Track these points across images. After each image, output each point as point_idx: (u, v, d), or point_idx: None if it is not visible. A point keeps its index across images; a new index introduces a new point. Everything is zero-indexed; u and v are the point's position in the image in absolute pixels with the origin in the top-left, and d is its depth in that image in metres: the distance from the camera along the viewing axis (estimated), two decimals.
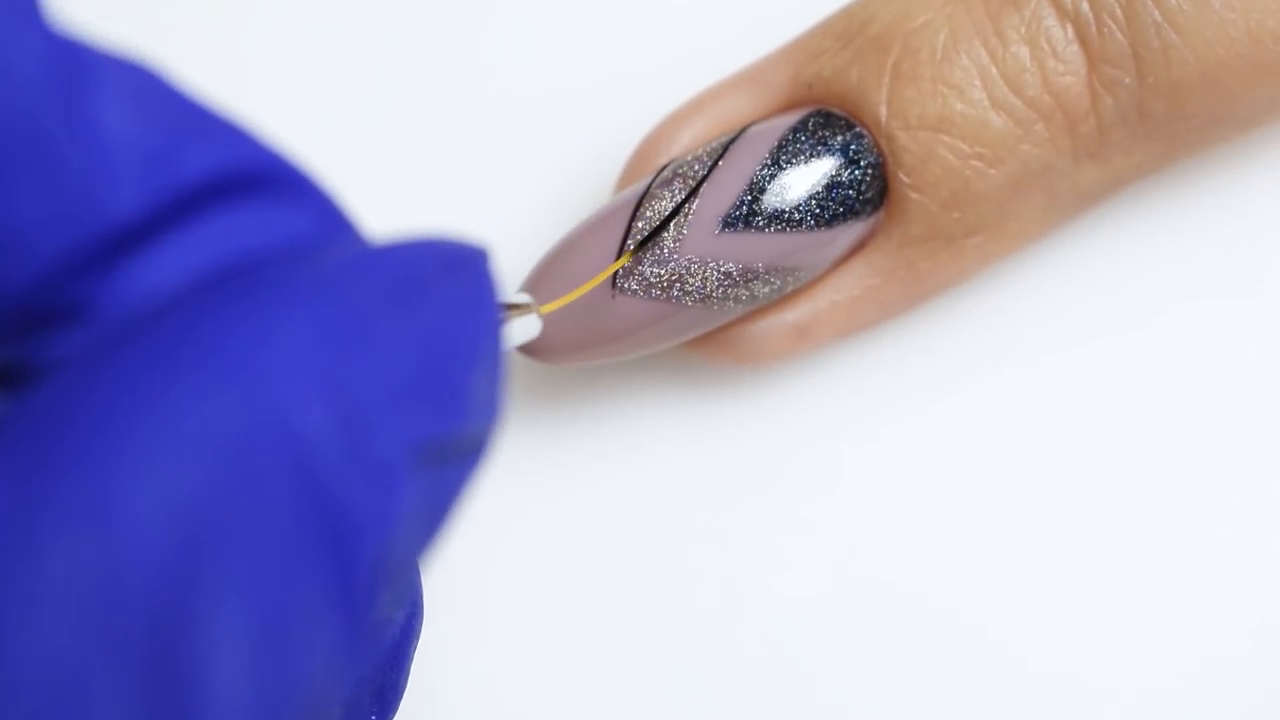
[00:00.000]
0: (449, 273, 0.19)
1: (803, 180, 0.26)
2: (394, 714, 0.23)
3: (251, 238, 0.19)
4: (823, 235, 0.26)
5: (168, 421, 0.16)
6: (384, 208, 0.30)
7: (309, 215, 0.19)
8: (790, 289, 0.26)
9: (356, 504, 0.17)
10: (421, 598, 0.23)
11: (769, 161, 0.26)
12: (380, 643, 0.21)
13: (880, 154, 0.26)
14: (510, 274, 0.29)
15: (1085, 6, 0.26)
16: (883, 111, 0.26)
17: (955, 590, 0.28)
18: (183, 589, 0.16)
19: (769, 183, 0.26)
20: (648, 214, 0.26)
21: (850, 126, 0.26)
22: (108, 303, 0.18)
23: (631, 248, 0.25)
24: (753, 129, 0.26)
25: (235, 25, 0.30)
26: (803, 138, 0.26)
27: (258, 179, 0.19)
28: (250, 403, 0.16)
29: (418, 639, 0.23)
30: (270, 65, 0.30)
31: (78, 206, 0.18)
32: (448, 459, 0.18)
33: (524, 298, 0.25)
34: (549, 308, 0.25)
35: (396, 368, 0.18)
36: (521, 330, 0.25)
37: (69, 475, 0.16)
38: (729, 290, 0.26)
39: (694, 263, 0.26)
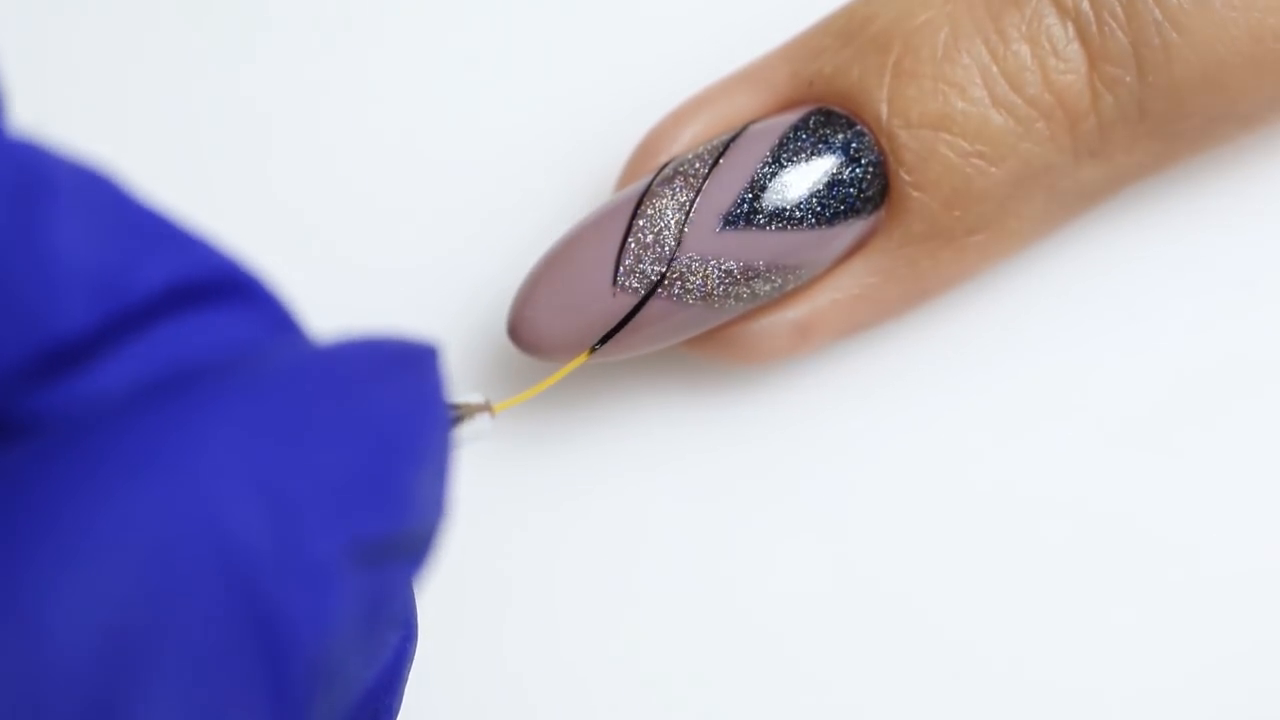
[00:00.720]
0: (394, 371, 0.19)
1: (804, 178, 0.26)
2: None
3: (198, 345, 0.19)
4: (823, 233, 0.26)
5: (92, 526, 0.16)
6: (384, 207, 0.30)
7: (258, 320, 0.19)
8: (791, 287, 0.26)
9: (290, 606, 0.17)
10: (416, 620, 0.23)
11: (770, 160, 0.26)
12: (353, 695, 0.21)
13: (881, 152, 0.26)
14: (510, 272, 0.29)
15: (1086, 5, 0.26)
16: (884, 110, 0.26)
17: (958, 590, 0.28)
18: (109, 698, 0.16)
19: (770, 181, 0.26)
20: (649, 212, 0.26)
21: (851, 125, 0.26)
22: (47, 415, 0.18)
23: (598, 345, 0.26)
24: (754, 127, 0.26)
25: (236, 29, 0.30)
26: (804, 136, 0.26)
27: (208, 287, 0.19)
28: (180, 505, 0.16)
29: (411, 662, 0.23)
30: (274, 66, 0.30)
31: (23, 325, 0.18)
32: (388, 558, 0.18)
33: (477, 397, 0.25)
34: (502, 407, 0.25)
35: (333, 466, 0.17)
36: (474, 430, 0.25)
37: None
38: (730, 288, 0.26)
39: (695, 261, 0.26)
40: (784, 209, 0.26)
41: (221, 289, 0.19)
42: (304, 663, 0.17)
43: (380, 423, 0.18)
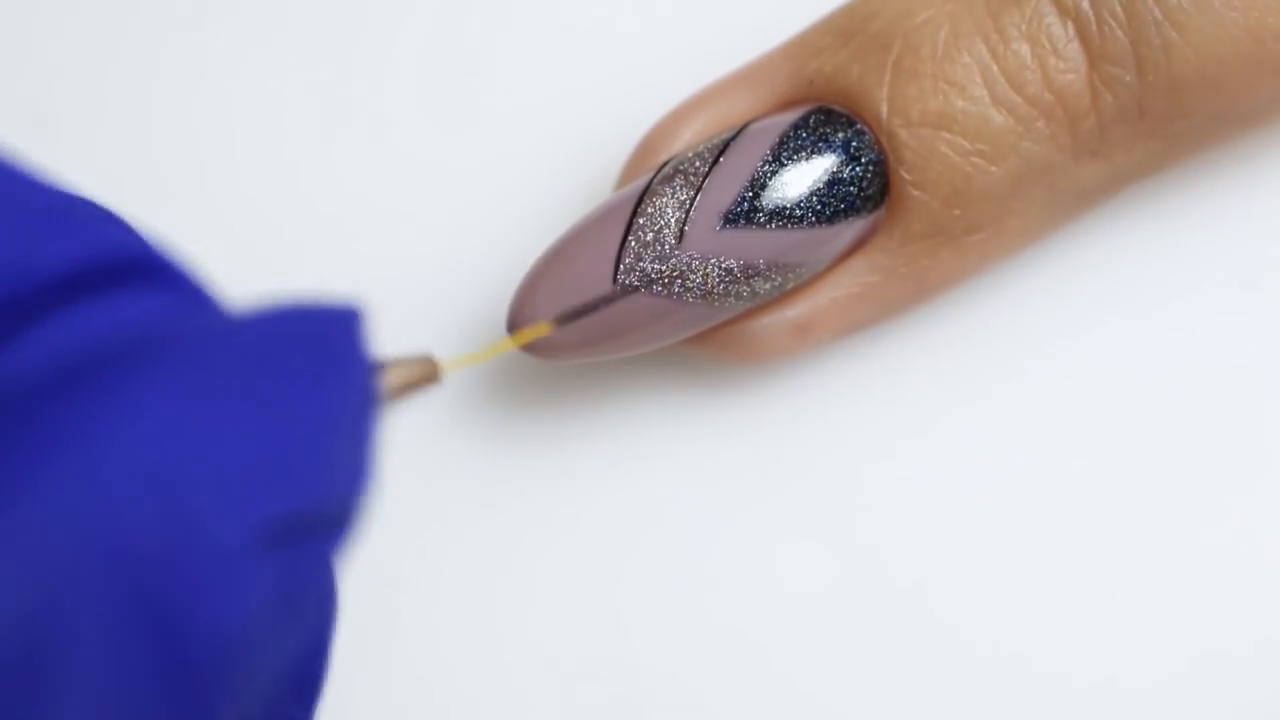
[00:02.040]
0: (308, 341, 0.18)
1: (804, 177, 0.26)
2: (316, 706, 0.22)
3: (102, 331, 0.18)
4: (824, 232, 0.26)
5: None
6: (382, 207, 0.30)
7: (169, 301, 0.19)
8: (791, 286, 0.26)
9: (193, 598, 0.16)
10: (335, 585, 0.22)
11: (770, 158, 0.26)
12: None
13: (881, 151, 0.26)
14: (511, 271, 0.29)
15: (1086, 4, 0.26)
16: (884, 108, 0.26)
17: (957, 589, 0.28)
18: (13, 702, 0.15)
19: (770, 179, 0.26)
20: (649, 210, 0.26)
21: (851, 123, 0.26)
22: None
23: (562, 320, 0.25)
24: (754, 126, 0.26)
25: (236, 30, 0.30)
26: (804, 134, 0.26)
27: (115, 268, 0.18)
28: (75, 501, 0.16)
29: (334, 626, 0.22)
30: (274, 67, 0.30)
31: None
32: (306, 535, 0.18)
33: (421, 355, 0.25)
34: (455, 365, 0.25)
35: (238, 446, 0.17)
36: (417, 389, 0.24)
37: None
38: (730, 287, 0.26)
39: (695, 259, 0.26)
40: (784, 207, 0.26)
41: (129, 271, 0.18)
42: (212, 651, 0.16)
43: (290, 395, 0.18)
